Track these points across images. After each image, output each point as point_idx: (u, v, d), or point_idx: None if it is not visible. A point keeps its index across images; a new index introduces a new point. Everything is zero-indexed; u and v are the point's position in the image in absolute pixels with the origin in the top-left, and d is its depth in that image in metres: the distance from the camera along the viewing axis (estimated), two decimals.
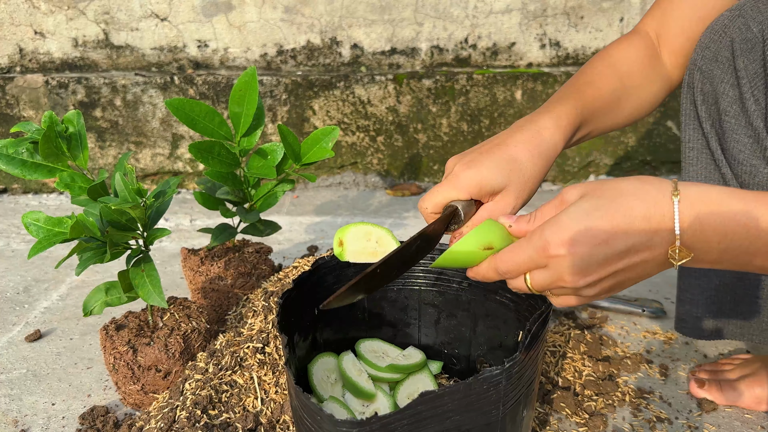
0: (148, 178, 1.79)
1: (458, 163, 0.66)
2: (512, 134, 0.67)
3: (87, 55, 1.76)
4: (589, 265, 0.51)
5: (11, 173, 0.78)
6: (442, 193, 0.65)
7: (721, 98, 0.72)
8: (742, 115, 0.71)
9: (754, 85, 0.69)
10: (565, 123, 0.69)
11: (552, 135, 0.68)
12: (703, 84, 0.74)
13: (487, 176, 0.63)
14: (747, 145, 0.71)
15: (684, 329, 0.85)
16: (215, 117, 0.90)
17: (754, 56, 0.69)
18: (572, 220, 0.51)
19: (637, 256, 0.51)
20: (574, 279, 0.51)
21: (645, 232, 0.50)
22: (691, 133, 0.77)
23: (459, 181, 0.64)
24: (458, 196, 0.64)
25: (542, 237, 0.51)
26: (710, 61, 0.72)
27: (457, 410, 0.56)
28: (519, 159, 0.65)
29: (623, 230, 0.50)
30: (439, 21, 1.75)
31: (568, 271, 0.51)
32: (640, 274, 0.53)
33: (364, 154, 1.78)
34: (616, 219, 0.50)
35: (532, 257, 0.53)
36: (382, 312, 0.85)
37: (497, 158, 0.65)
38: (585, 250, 0.50)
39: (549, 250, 0.51)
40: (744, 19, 0.70)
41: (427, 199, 0.66)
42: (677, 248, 0.51)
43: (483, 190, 0.64)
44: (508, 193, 0.65)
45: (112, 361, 0.83)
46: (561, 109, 0.70)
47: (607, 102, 0.76)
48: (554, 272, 0.52)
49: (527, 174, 0.65)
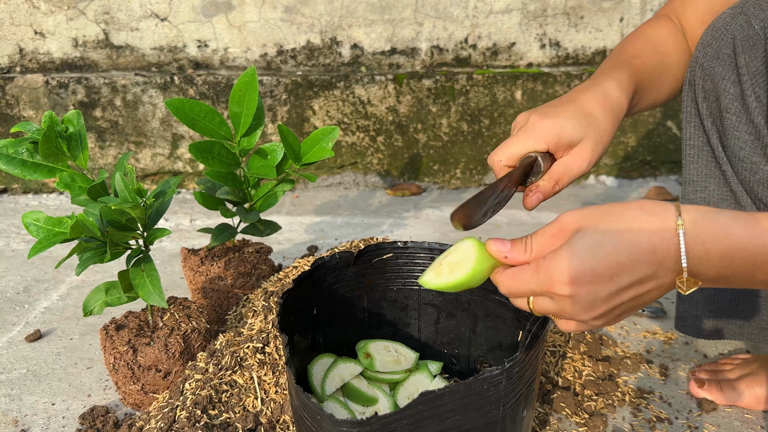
0: (148, 178, 1.79)
1: (533, 114, 0.64)
2: (581, 93, 0.68)
3: (87, 55, 1.76)
4: (594, 302, 0.50)
5: (11, 173, 0.78)
6: (519, 143, 0.63)
7: (722, 95, 0.72)
8: (743, 113, 0.71)
9: (756, 82, 0.69)
10: (626, 86, 0.70)
11: (618, 96, 0.68)
12: (705, 81, 0.74)
13: (566, 126, 0.63)
14: (748, 142, 0.70)
15: (684, 328, 0.84)
16: (215, 117, 0.90)
17: (756, 53, 0.69)
18: (575, 257, 0.49)
19: (643, 287, 0.51)
20: (578, 313, 0.51)
21: (650, 265, 0.49)
22: (692, 131, 0.77)
23: (537, 131, 0.62)
24: (536, 146, 0.62)
25: (547, 273, 0.50)
26: (712, 58, 0.72)
27: (457, 410, 0.56)
28: (594, 113, 0.65)
29: (629, 267, 0.49)
30: (439, 21, 1.75)
31: (573, 308, 0.51)
32: (646, 301, 0.53)
33: (364, 154, 1.78)
34: (621, 256, 0.49)
35: (535, 290, 0.52)
36: (382, 312, 0.85)
37: (574, 111, 0.64)
38: (590, 288, 0.49)
39: (554, 288, 0.50)
40: (746, 16, 0.70)
41: (501, 152, 0.64)
42: (685, 280, 0.50)
43: (561, 140, 0.63)
44: (585, 146, 0.64)
45: (112, 361, 0.83)
46: (620, 74, 0.71)
47: (652, 76, 0.77)
48: (559, 306, 0.51)
49: (602, 128, 0.65)
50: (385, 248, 0.82)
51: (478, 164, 1.78)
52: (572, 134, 0.63)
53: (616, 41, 1.78)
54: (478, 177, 1.80)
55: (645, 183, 1.80)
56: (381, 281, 0.83)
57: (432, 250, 0.81)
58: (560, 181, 0.66)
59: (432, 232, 1.48)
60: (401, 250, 0.82)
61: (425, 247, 0.81)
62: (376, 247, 0.81)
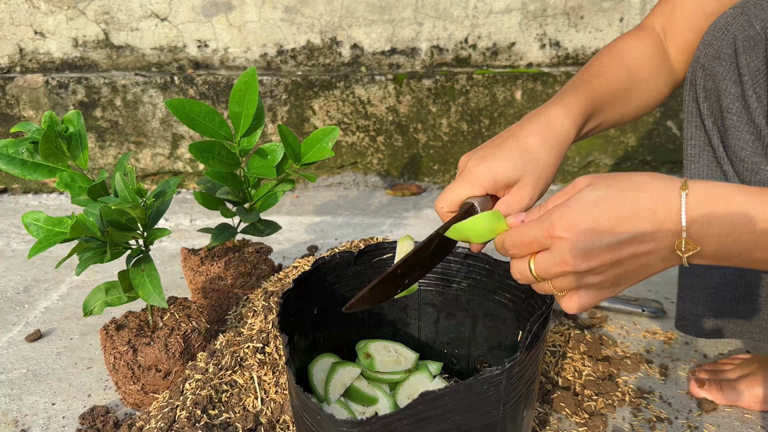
0: (148, 178, 1.79)
1: (471, 159, 0.65)
2: (522, 126, 0.67)
3: (87, 55, 1.76)
4: (592, 249, 0.51)
5: (11, 173, 0.78)
6: (456, 191, 0.64)
7: (723, 95, 0.72)
8: (744, 113, 0.71)
9: (757, 82, 0.69)
10: (575, 112, 0.70)
11: (563, 124, 0.68)
12: (706, 81, 0.74)
13: (500, 169, 0.63)
14: (749, 142, 0.70)
15: (684, 327, 0.84)
16: (215, 117, 0.90)
17: (757, 53, 0.69)
18: (579, 206, 0.51)
19: (642, 247, 0.51)
20: (576, 261, 0.51)
21: (651, 222, 0.51)
22: (693, 131, 0.77)
23: (473, 176, 0.63)
24: (473, 192, 0.64)
25: (549, 219, 0.52)
26: (713, 58, 0.72)
27: (457, 410, 0.56)
28: (532, 149, 0.65)
29: (628, 220, 0.51)
30: (439, 21, 1.75)
31: (571, 253, 0.51)
32: (644, 267, 0.53)
33: (364, 154, 1.78)
34: (622, 210, 0.51)
35: (537, 237, 0.53)
36: (382, 312, 0.85)
37: (510, 150, 0.65)
38: (589, 234, 0.51)
39: (554, 231, 0.51)
40: (747, 16, 0.70)
41: (443, 199, 0.65)
42: (683, 240, 0.51)
43: (498, 183, 0.63)
44: (524, 185, 0.65)
45: (112, 360, 0.83)
46: (570, 99, 0.70)
47: (617, 94, 0.76)
48: (557, 254, 0.52)
49: (542, 163, 0.65)
50: (386, 248, 0.82)
51: None
52: (509, 175, 0.64)
53: None
54: None
55: None
56: None
57: None
58: None
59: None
60: None
61: None
62: (376, 247, 0.81)
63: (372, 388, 0.78)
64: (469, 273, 0.80)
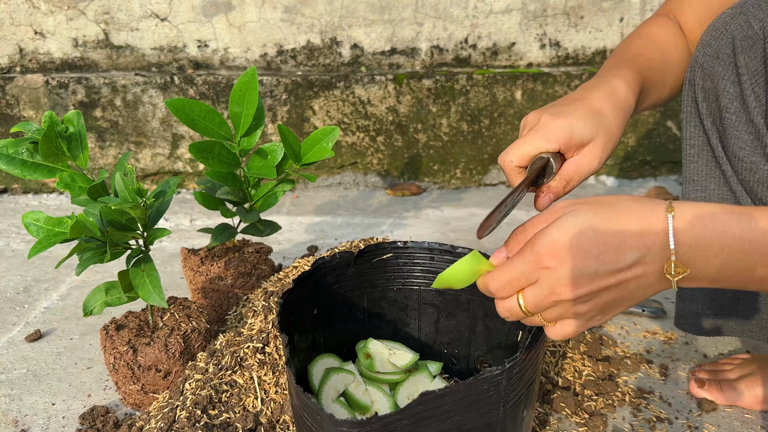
0: (148, 178, 1.79)
1: (544, 114, 0.64)
2: (590, 91, 0.67)
3: (87, 55, 1.76)
4: (581, 277, 0.50)
5: (11, 173, 0.78)
6: (531, 143, 0.62)
7: (721, 95, 0.72)
8: (742, 112, 0.71)
9: (755, 82, 0.69)
10: (633, 84, 0.70)
11: (626, 94, 0.68)
12: (704, 81, 0.74)
13: (577, 126, 0.62)
14: (747, 142, 0.70)
15: (684, 326, 0.84)
16: (215, 117, 0.90)
17: (755, 53, 0.69)
18: (564, 233, 0.50)
19: (630, 272, 0.50)
20: (565, 290, 0.50)
21: (638, 248, 0.50)
22: (692, 131, 0.77)
23: (548, 130, 0.62)
24: (548, 146, 0.62)
25: (533, 250, 0.51)
26: (711, 58, 0.72)
27: (457, 410, 0.56)
28: (604, 112, 0.65)
29: (615, 247, 0.50)
30: (439, 21, 1.75)
31: (560, 282, 0.50)
32: (634, 293, 0.52)
33: (364, 154, 1.78)
34: (608, 236, 0.50)
35: (524, 272, 0.51)
36: (382, 312, 0.85)
37: (584, 110, 0.64)
38: (576, 262, 0.49)
39: (542, 262, 0.50)
40: (745, 16, 0.70)
41: (512, 152, 0.63)
42: (672, 263, 0.50)
43: (573, 141, 0.63)
44: (595, 146, 0.64)
45: (112, 361, 0.83)
46: (626, 72, 0.71)
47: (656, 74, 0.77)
48: (546, 285, 0.51)
49: (612, 127, 0.65)
50: (385, 248, 0.82)
51: (478, 164, 1.78)
52: (583, 134, 0.63)
53: (616, 41, 1.78)
54: (478, 177, 1.80)
55: (645, 183, 1.80)
56: (381, 281, 0.83)
57: (432, 250, 0.81)
58: (571, 181, 0.66)
59: (432, 232, 1.48)
60: (401, 250, 0.82)
61: (425, 247, 0.81)
62: (376, 247, 0.81)
63: (366, 396, 0.77)
64: None
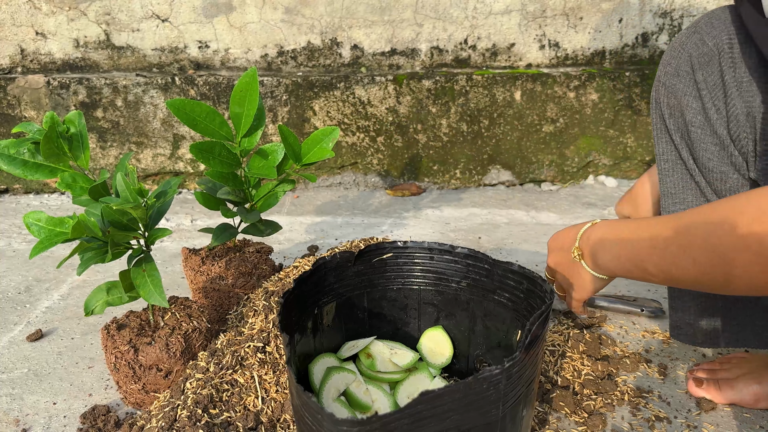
0: (149, 179, 1.79)
1: None
2: None
3: (88, 56, 1.76)
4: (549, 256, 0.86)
5: (13, 173, 0.78)
6: None
7: (686, 110, 0.76)
8: (706, 125, 0.75)
9: (714, 95, 0.74)
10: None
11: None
12: (669, 98, 0.78)
13: None
14: (715, 153, 0.74)
15: (679, 336, 0.87)
16: (216, 117, 0.90)
17: (712, 69, 0.73)
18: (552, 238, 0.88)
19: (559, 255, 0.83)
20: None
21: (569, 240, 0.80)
22: (663, 146, 0.82)
23: None
24: None
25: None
26: (672, 76, 0.77)
27: (457, 410, 0.56)
28: None
29: (557, 242, 0.84)
30: (439, 22, 1.75)
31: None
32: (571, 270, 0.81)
33: (364, 155, 1.78)
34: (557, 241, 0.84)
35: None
36: (382, 311, 0.85)
37: None
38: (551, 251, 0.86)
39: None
40: (699, 35, 0.75)
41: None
42: (574, 248, 0.77)
43: None
44: None
45: (113, 360, 0.84)
46: None
47: None
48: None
49: None
50: (386, 248, 0.82)
51: (477, 164, 1.79)
52: None
53: (615, 42, 1.78)
54: (477, 177, 1.80)
55: None
56: (381, 281, 0.83)
57: (432, 249, 0.82)
58: None
59: (432, 232, 1.48)
60: (401, 249, 0.82)
61: (425, 247, 0.82)
62: (376, 247, 0.82)
63: (367, 396, 0.78)
64: (468, 273, 0.81)
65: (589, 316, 1.07)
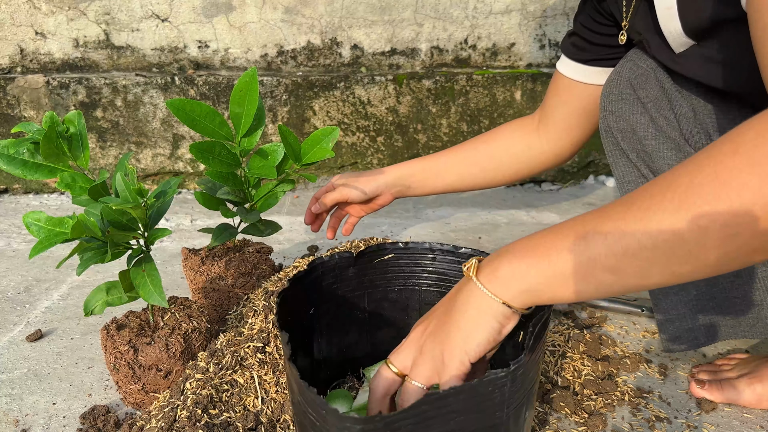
0: (149, 179, 1.79)
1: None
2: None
3: (88, 56, 1.76)
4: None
5: (12, 173, 0.78)
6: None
7: (637, 127, 0.80)
8: (659, 134, 0.79)
9: (659, 105, 0.79)
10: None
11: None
12: (618, 122, 0.82)
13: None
14: (672, 156, 0.78)
15: (681, 345, 0.88)
16: (216, 117, 0.90)
17: (650, 84, 0.79)
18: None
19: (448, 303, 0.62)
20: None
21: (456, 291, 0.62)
22: (623, 170, 0.85)
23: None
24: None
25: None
26: (617, 101, 0.82)
27: (461, 411, 0.56)
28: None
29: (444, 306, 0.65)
30: (439, 22, 1.75)
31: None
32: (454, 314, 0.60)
33: (364, 155, 1.78)
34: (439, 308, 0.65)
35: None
36: (382, 312, 0.85)
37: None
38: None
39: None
40: (632, 61, 0.82)
41: None
42: (473, 265, 0.59)
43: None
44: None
45: (112, 360, 0.83)
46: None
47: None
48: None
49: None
50: (387, 249, 0.82)
51: None
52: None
53: None
54: None
55: None
56: (382, 282, 0.83)
57: (433, 250, 0.81)
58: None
59: (432, 232, 1.48)
60: (402, 250, 0.82)
61: (426, 248, 0.82)
62: (377, 248, 0.81)
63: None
64: None
65: (589, 316, 1.07)
